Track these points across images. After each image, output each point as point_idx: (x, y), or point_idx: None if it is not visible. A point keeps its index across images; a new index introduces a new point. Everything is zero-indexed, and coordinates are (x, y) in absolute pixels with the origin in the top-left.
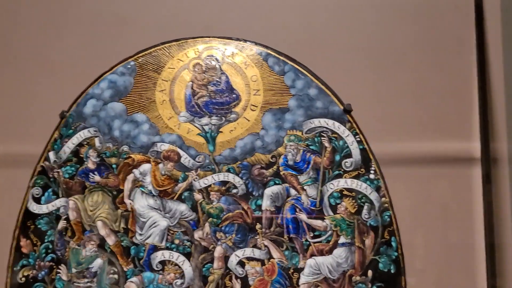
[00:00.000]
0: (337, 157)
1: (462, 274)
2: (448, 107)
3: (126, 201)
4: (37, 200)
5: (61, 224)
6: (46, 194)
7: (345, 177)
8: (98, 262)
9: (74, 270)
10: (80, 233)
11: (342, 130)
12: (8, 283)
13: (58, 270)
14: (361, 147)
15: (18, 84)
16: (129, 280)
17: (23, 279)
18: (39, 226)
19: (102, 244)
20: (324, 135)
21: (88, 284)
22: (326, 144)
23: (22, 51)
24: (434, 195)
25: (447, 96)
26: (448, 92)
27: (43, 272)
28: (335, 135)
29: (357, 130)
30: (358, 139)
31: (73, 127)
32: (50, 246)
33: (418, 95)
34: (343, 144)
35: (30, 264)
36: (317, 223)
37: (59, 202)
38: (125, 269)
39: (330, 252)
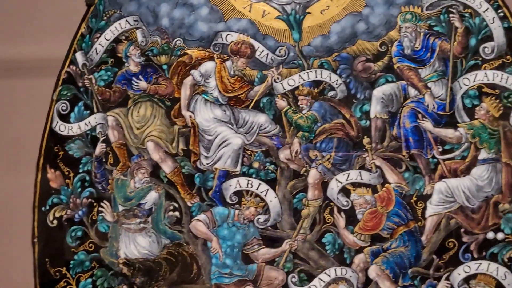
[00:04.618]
0: (473, 41)
1: None
2: None
3: (185, 113)
4: (65, 118)
5: (100, 148)
6: (76, 109)
7: (484, 69)
8: (153, 196)
9: (121, 208)
10: (126, 159)
11: (478, 2)
12: (36, 228)
13: (100, 209)
14: (506, 25)
15: None
16: (195, 218)
17: (55, 221)
18: (70, 152)
19: (156, 172)
20: (453, 10)
21: (141, 225)
22: (457, 24)
23: None
24: None
25: None
26: None
27: (80, 212)
28: (469, 11)
29: (500, 2)
30: (502, 14)
31: (105, 17)
32: (87, 178)
33: None
34: (481, 22)
35: (62, 202)
36: (447, 133)
37: (94, 119)
38: (189, 204)
39: (467, 172)
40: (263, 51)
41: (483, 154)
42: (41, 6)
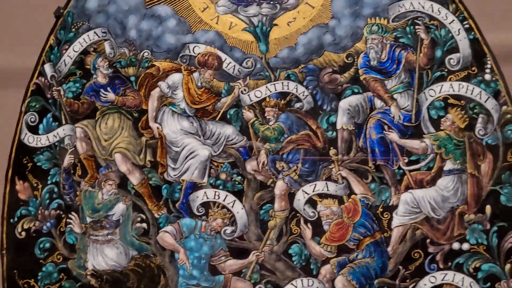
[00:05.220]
0: (438, 53)
1: None
2: None
3: (152, 125)
4: (34, 130)
5: (68, 159)
6: (44, 120)
7: (450, 80)
8: (120, 207)
9: (89, 220)
10: (94, 171)
11: (444, 14)
12: (4, 239)
13: (68, 220)
14: (471, 37)
15: None
16: (162, 229)
17: (24, 233)
18: (38, 164)
19: (123, 183)
20: (419, 22)
21: (109, 236)
22: (423, 35)
23: None
24: None
25: None
26: None
27: (48, 224)
28: (434, 22)
29: (465, 14)
30: (467, 26)
31: (74, 29)
32: (55, 190)
33: None
34: (446, 34)
35: (30, 213)
36: (413, 144)
37: (62, 131)
38: (156, 215)
39: (432, 182)
40: (230, 62)
41: (448, 165)
42: (9, 17)
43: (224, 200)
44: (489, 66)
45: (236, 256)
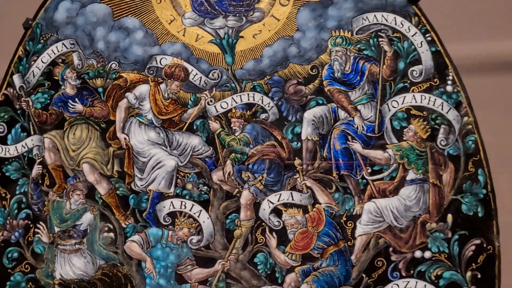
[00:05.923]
0: (401, 65)
1: None
2: None
3: (120, 135)
4: (2, 140)
5: (36, 169)
6: (13, 131)
7: (412, 91)
8: (88, 217)
9: (57, 229)
10: (62, 181)
11: (406, 27)
12: None
13: (36, 230)
14: (433, 49)
15: None
16: (129, 239)
17: None
18: (7, 174)
19: (91, 193)
20: (382, 35)
21: (77, 246)
22: (386, 48)
23: None
24: None
25: None
26: None
27: (16, 234)
28: (398, 35)
29: (428, 27)
30: (429, 38)
31: (42, 40)
32: (24, 200)
33: None
34: (409, 46)
35: None
36: (376, 154)
37: (31, 141)
38: (123, 225)
39: (395, 192)
40: (196, 74)
41: (411, 175)
42: None
43: (190, 210)
44: (451, 77)
45: (202, 265)
